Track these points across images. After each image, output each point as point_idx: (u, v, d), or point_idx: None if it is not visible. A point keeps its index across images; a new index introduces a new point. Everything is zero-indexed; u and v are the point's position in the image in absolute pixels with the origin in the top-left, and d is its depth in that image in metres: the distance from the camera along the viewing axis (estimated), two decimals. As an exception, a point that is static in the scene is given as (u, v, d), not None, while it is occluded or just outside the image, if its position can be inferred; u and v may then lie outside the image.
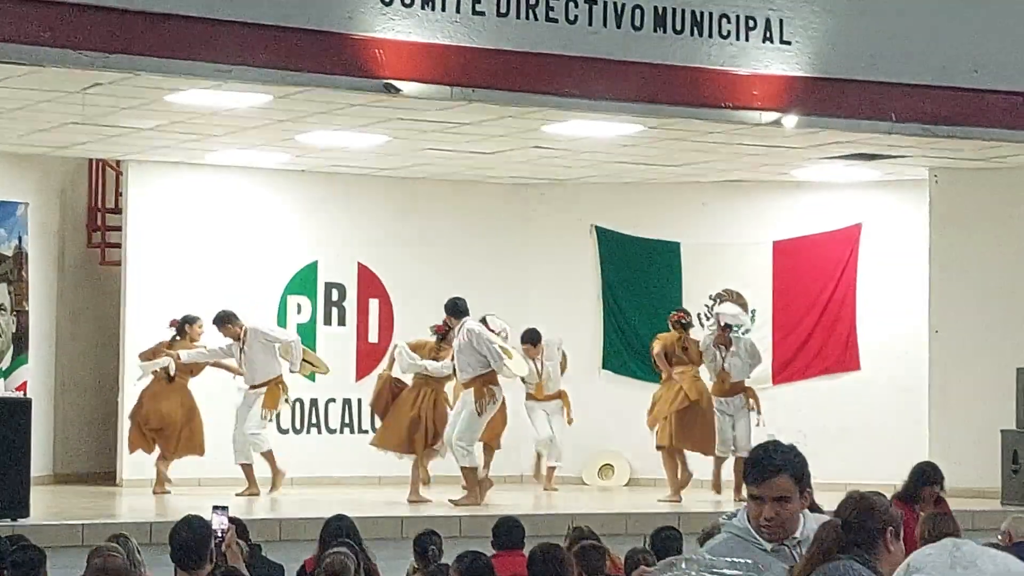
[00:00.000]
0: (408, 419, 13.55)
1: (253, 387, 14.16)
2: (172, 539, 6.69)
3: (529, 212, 16.58)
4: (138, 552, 7.18)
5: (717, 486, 14.46)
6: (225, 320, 14.16)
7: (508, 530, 8.39)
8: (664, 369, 14.64)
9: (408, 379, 13.80)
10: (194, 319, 14.38)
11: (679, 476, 14.26)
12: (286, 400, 14.42)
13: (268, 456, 14.10)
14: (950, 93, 12.63)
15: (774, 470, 4.47)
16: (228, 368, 14.38)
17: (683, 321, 14.78)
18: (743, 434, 14.23)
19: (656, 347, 14.68)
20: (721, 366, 14.40)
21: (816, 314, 15.97)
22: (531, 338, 14.90)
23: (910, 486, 9.39)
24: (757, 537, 4.47)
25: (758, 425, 14.28)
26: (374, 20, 10.80)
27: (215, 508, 6.85)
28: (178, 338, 14.37)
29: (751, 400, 14.39)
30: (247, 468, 14.06)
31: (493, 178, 15.95)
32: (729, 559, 4.29)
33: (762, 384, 15.42)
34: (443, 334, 13.66)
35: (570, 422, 15.09)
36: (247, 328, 14.14)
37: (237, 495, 13.35)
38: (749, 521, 4.51)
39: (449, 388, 13.86)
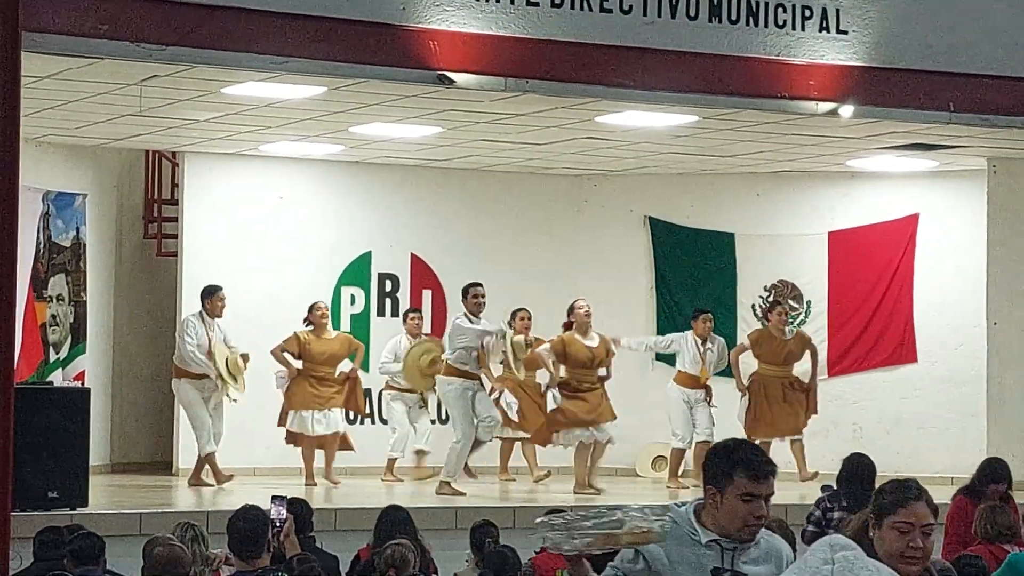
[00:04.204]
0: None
1: None
2: (230, 529, 6.72)
3: (582, 203, 16.54)
4: (202, 542, 7.10)
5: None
6: None
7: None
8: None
9: None
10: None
11: None
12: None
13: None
14: (1009, 83, 12.48)
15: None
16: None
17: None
18: (705, 422, 14.56)
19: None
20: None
21: (872, 306, 15.84)
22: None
23: (976, 481, 9.31)
24: (696, 529, 4.42)
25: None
26: (428, 11, 10.80)
27: (274, 498, 6.87)
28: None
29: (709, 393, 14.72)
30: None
31: (546, 169, 15.91)
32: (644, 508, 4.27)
33: (818, 376, 15.31)
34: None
35: None
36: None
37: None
38: (694, 514, 4.45)
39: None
